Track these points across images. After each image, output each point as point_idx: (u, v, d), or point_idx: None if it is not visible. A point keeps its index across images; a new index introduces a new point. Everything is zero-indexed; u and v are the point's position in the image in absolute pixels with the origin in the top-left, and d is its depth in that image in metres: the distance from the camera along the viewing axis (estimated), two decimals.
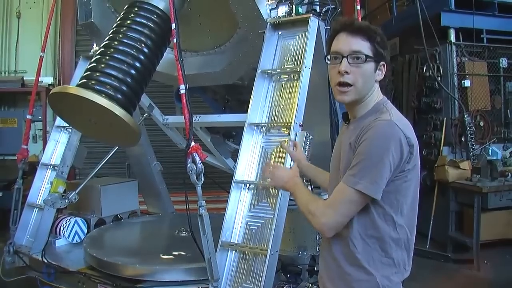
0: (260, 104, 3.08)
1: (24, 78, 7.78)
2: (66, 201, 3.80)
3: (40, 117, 7.88)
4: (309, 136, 2.74)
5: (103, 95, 2.87)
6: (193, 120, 2.75)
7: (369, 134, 1.77)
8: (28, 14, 8.30)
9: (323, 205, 1.85)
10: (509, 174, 6.13)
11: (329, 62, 1.97)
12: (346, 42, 1.90)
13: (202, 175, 2.60)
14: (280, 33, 3.27)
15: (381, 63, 1.92)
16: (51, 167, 4.28)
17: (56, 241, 4.04)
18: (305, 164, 2.46)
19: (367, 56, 1.87)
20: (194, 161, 2.57)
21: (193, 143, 2.60)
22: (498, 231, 6.04)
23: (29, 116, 4.39)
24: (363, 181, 1.73)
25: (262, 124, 3.02)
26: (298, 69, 3.02)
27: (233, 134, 4.60)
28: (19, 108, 8.17)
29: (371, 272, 1.82)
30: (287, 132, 2.85)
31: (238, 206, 2.87)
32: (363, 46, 1.88)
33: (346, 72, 1.87)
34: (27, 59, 7.94)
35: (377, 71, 1.92)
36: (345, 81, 1.89)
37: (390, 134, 1.76)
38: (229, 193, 2.90)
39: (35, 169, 4.40)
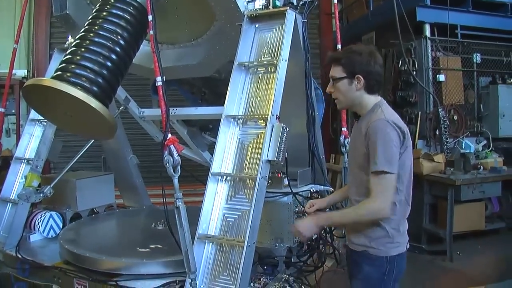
0: (237, 96, 3.07)
1: None
2: (41, 195, 3.76)
3: (13, 111, 7.76)
4: (286, 129, 2.77)
5: (79, 87, 2.82)
6: (170, 112, 2.74)
7: (373, 133, 2.38)
8: (1, 5, 8.11)
9: (371, 200, 2.37)
10: (481, 167, 6.29)
11: None
12: (331, 71, 2.60)
13: (179, 167, 2.60)
14: (257, 25, 3.26)
15: (356, 76, 2.49)
16: (25, 161, 4.20)
17: (30, 236, 3.97)
18: (329, 201, 3.06)
19: (335, 78, 2.56)
20: (170, 153, 2.57)
21: (169, 136, 2.60)
22: (470, 223, 6.20)
23: (2, 110, 4.31)
24: (385, 165, 2.31)
25: (239, 117, 3.02)
26: (275, 61, 3.01)
27: (210, 127, 4.58)
28: None
29: (383, 226, 2.45)
30: (264, 124, 2.85)
31: (215, 199, 2.86)
32: (336, 70, 2.56)
33: (331, 92, 2.61)
34: (0, 51, 7.78)
35: (353, 83, 2.51)
36: (333, 97, 2.64)
37: (386, 127, 2.36)
38: (206, 185, 2.90)
39: (8, 163, 4.32)
